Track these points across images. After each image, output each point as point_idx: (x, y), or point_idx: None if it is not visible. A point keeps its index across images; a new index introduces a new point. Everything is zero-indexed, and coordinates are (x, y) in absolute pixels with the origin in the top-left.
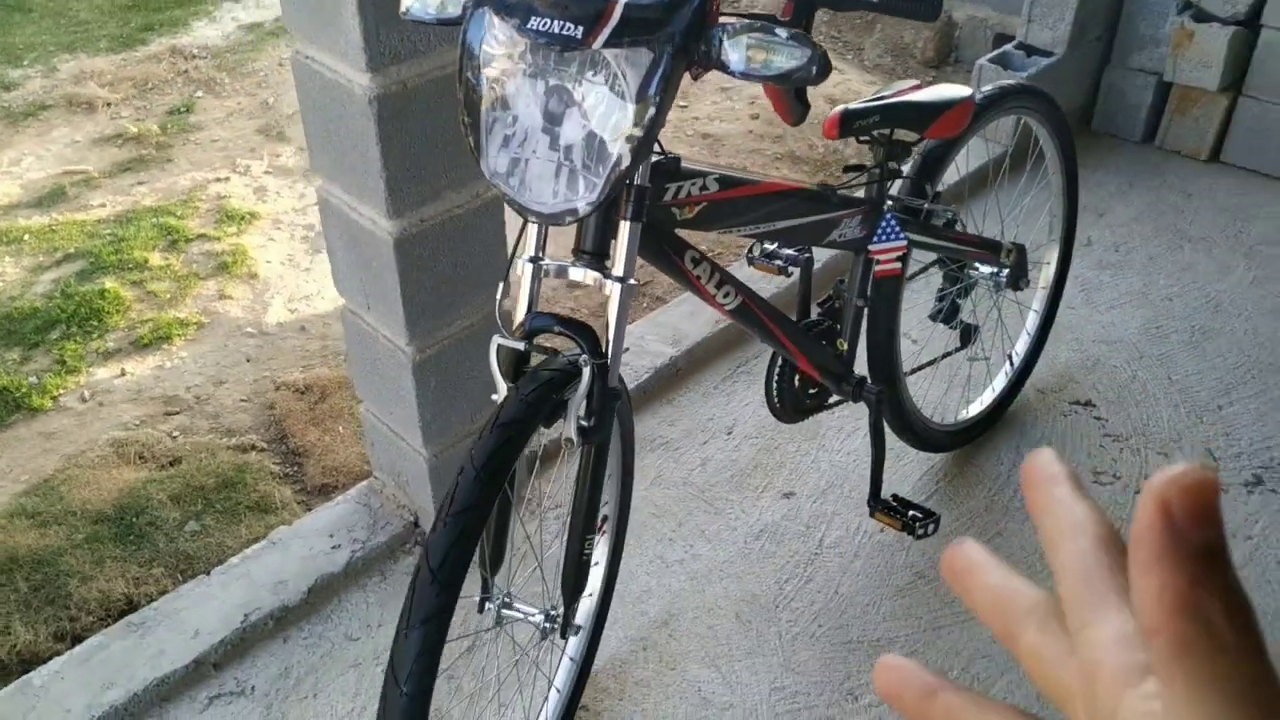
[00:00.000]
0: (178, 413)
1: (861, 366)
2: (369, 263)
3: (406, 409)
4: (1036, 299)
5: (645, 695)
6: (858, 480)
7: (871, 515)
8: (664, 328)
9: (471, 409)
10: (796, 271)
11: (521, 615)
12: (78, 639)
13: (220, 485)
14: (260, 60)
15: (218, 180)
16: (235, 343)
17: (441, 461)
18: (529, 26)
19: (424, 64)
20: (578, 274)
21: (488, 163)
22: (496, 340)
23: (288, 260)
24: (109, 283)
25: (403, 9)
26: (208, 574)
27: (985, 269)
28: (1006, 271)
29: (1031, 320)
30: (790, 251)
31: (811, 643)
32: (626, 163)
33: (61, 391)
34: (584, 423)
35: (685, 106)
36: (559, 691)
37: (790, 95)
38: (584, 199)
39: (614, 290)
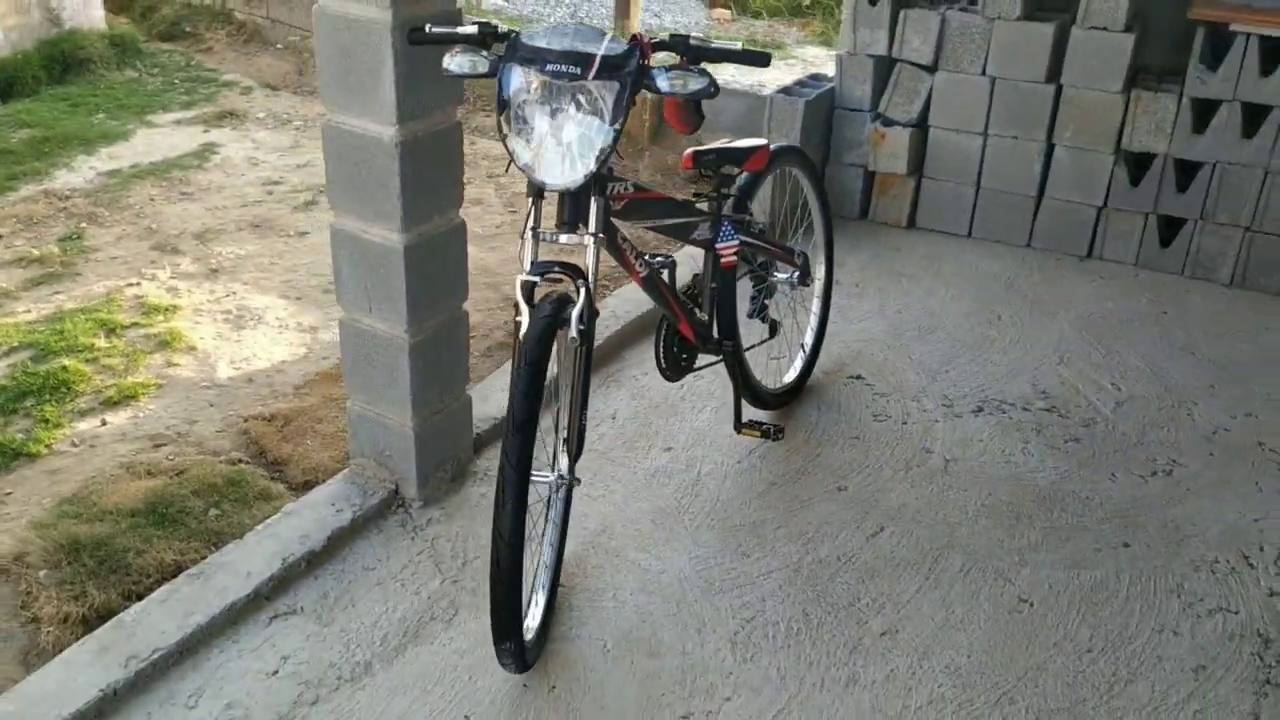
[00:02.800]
0: (165, 444)
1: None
2: (376, 271)
3: (398, 389)
4: (815, 303)
5: (602, 573)
6: (714, 436)
7: (738, 432)
8: None
9: (443, 388)
10: (665, 271)
11: (543, 480)
12: (141, 597)
13: (227, 484)
14: (132, 196)
15: (130, 285)
16: (195, 394)
17: (425, 431)
18: (548, 69)
19: (427, 121)
20: (564, 238)
21: (519, 158)
22: (519, 277)
23: (218, 336)
24: (66, 361)
25: (444, 67)
26: (241, 538)
27: (782, 275)
28: (798, 273)
29: (813, 319)
30: (660, 257)
31: (708, 529)
32: (607, 149)
33: (53, 441)
34: (581, 327)
35: (515, 212)
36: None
37: (691, 110)
38: (581, 172)
39: (590, 242)
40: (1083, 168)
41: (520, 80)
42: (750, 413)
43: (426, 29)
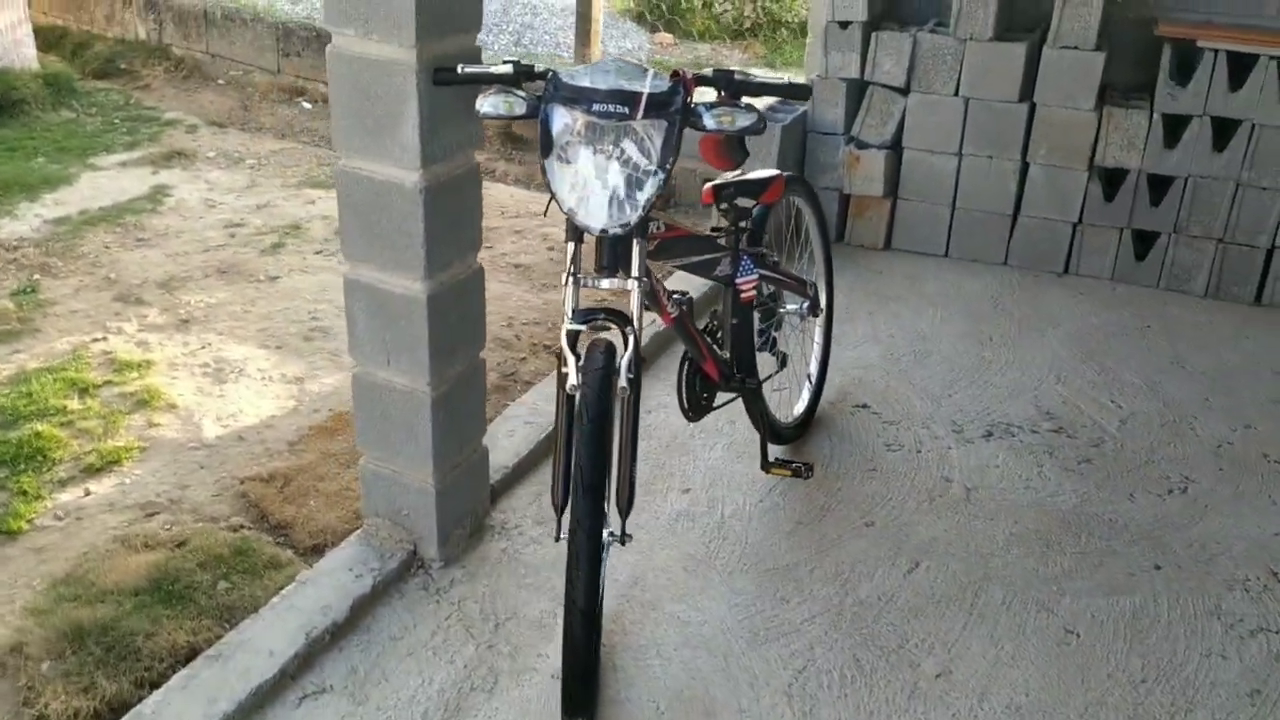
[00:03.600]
0: (158, 513)
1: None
2: (395, 322)
3: (418, 446)
4: (817, 333)
5: (641, 629)
6: (730, 474)
7: (766, 471)
8: (548, 394)
9: (462, 441)
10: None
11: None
12: (155, 685)
13: (233, 553)
14: (85, 244)
15: (95, 340)
16: (183, 456)
17: (445, 487)
18: (595, 110)
19: (449, 165)
20: (605, 283)
21: (564, 202)
22: (565, 326)
23: (199, 391)
24: (38, 426)
25: (478, 109)
26: (257, 613)
27: (791, 305)
28: (808, 303)
29: (817, 349)
30: (679, 294)
31: (743, 575)
32: (656, 192)
33: (34, 515)
34: (630, 376)
35: (491, 247)
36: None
37: (735, 146)
38: (629, 216)
39: (634, 287)
40: (1057, 185)
41: (564, 121)
42: (774, 449)
43: (458, 69)
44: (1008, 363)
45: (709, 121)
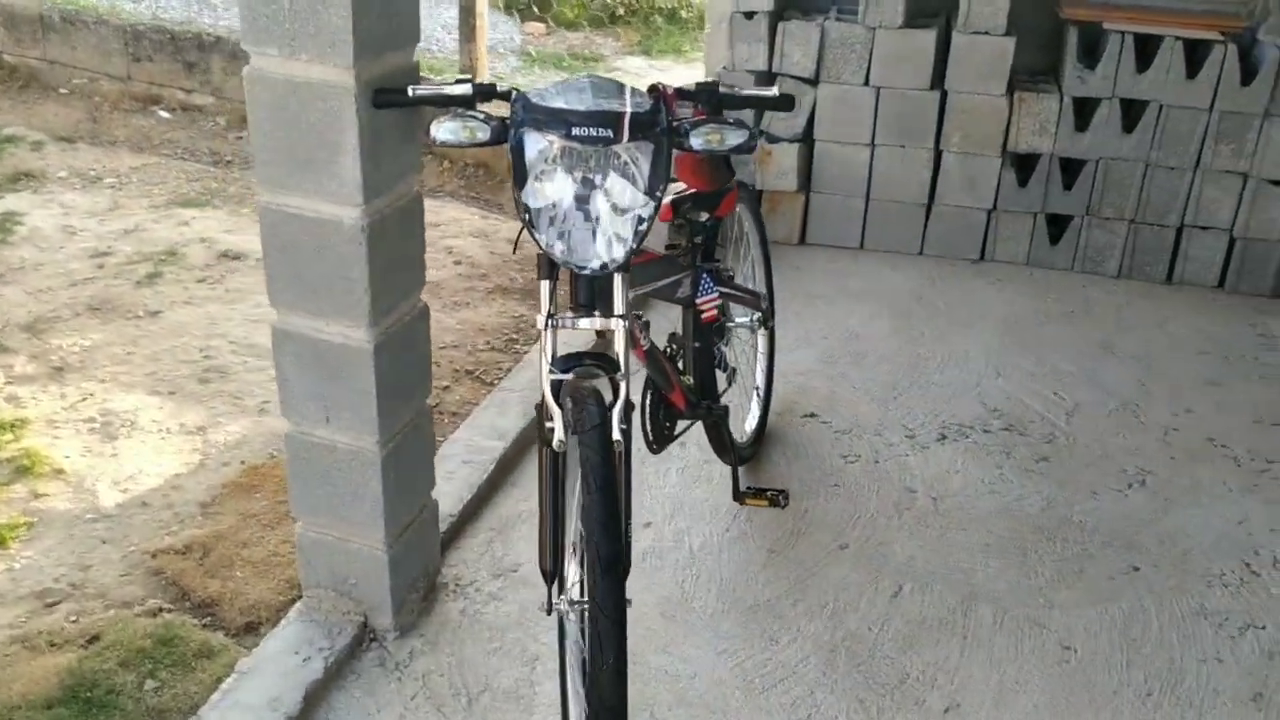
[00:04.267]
0: (60, 601)
1: None
2: (335, 376)
3: (366, 508)
4: (761, 342)
5: (630, 689)
6: (689, 502)
7: (741, 503)
8: (483, 428)
9: (412, 498)
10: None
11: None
12: None
13: (157, 644)
14: None
15: None
16: (80, 530)
17: (398, 550)
18: (575, 134)
19: (390, 197)
20: (585, 323)
21: (543, 238)
22: (547, 376)
23: (88, 452)
24: None
25: (434, 136)
26: (196, 715)
27: (741, 318)
28: (759, 315)
29: (762, 360)
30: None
31: (724, 617)
32: (647, 222)
33: None
34: (623, 427)
35: None
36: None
37: (720, 165)
38: (620, 252)
39: (618, 326)
40: (971, 172)
41: (538, 147)
42: (722, 483)
43: (408, 91)
44: (945, 359)
45: (695, 141)
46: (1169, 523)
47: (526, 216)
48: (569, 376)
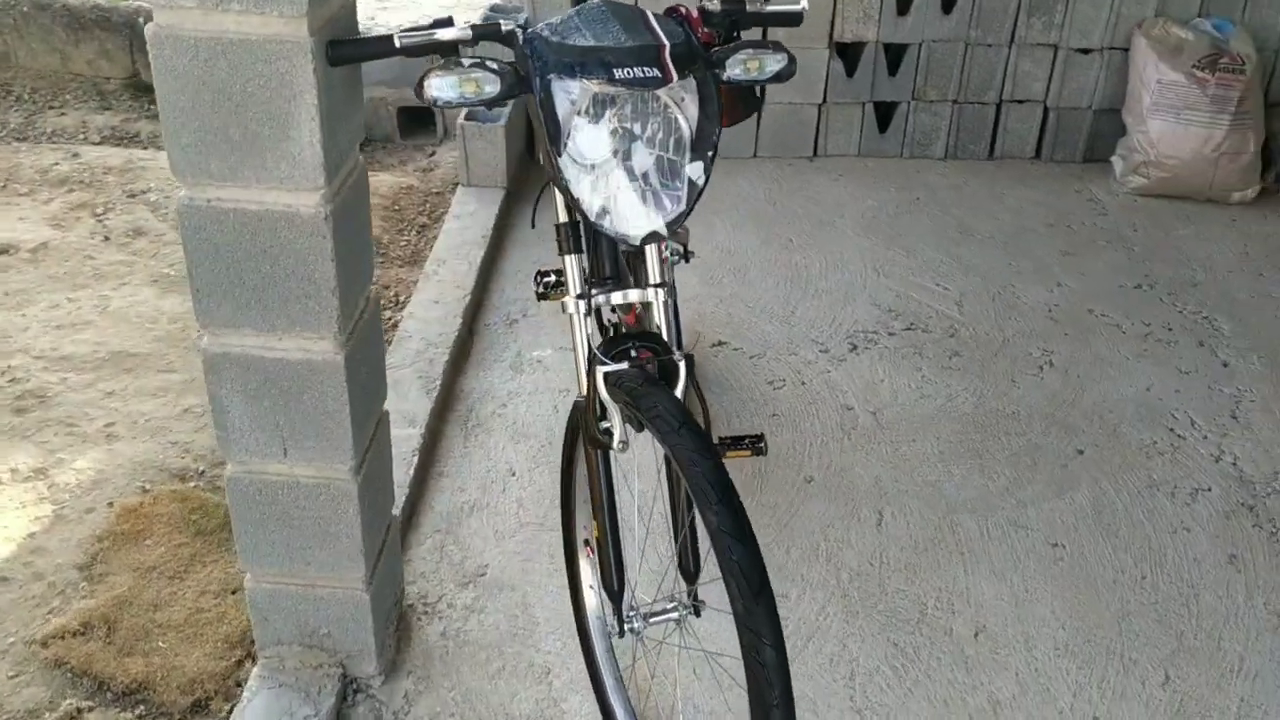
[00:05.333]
0: None
1: None
2: (295, 399)
3: (340, 547)
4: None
5: (663, 687)
6: (642, 460)
7: (723, 457)
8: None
9: (382, 520)
10: None
11: (662, 612)
12: None
13: None
14: None
15: None
16: None
17: (376, 588)
18: (618, 77)
19: (344, 172)
20: (619, 297)
21: (589, 209)
22: (600, 371)
23: None
24: None
25: (428, 95)
26: None
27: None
28: (681, 249)
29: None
30: None
31: None
32: (705, 173)
33: None
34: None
35: None
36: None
37: (747, 94)
38: (675, 212)
39: (659, 295)
40: (800, 67)
41: (570, 97)
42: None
43: (395, 41)
44: (824, 265)
45: (734, 71)
46: (1089, 400)
47: (565, 181)
48: (624, 366)
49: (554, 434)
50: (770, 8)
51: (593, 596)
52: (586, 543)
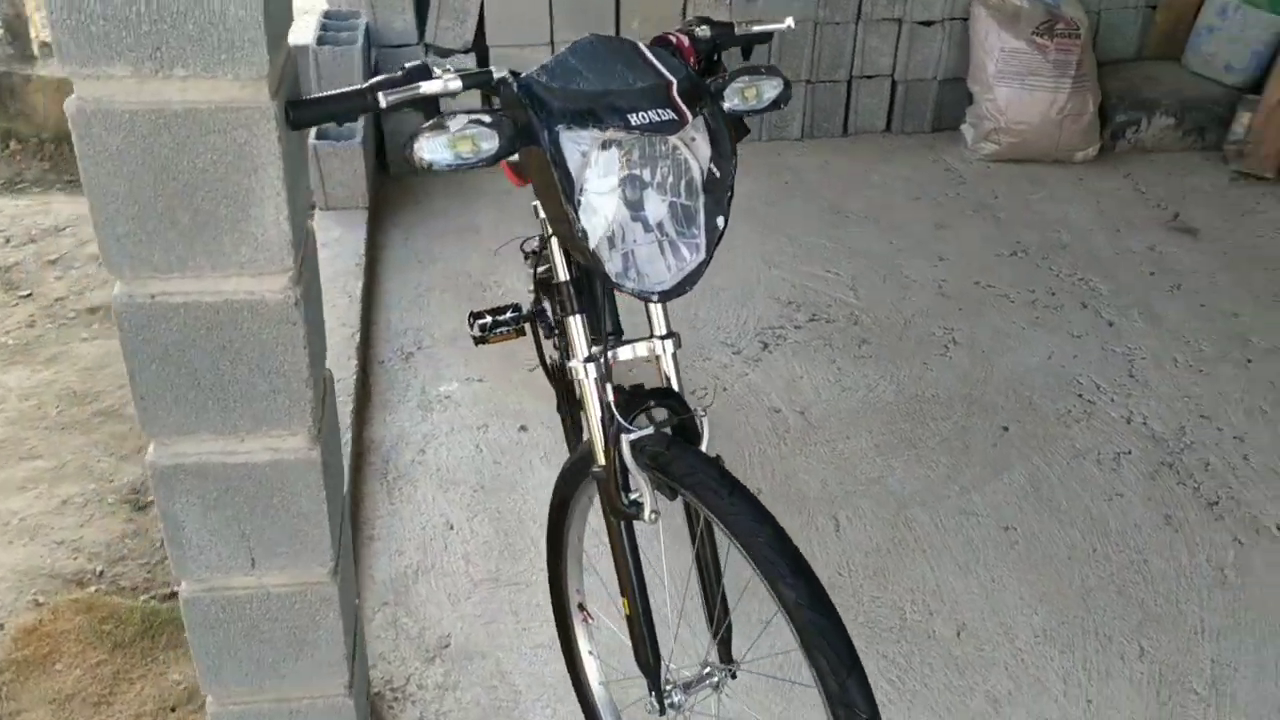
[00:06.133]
0: None
1: None
2: (263, 503)
3: (320, 653)
4: None
5: None
6: None
7: None
8: None
9: (353, 618)
10: None
11: (696, 680)
12: None
13: None
14: None
15: None
16: None
17: (358, 689)
18: (634, 124)
19: (304, 248)
20: (628, 353)
21: (611, 268)
22: (625, 440)
23: None
24: None
25: (420, 158)
26: None
27: None
28: None
29: None
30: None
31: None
32: (725, 216)
33: None
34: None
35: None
36: None
37: (735, 122)
38: (694, 260)
39: (667, 347)
40: None
41: (581, 148)
42: None
43: (379, 99)
44: (713, 262)
45: (734, 101)
46: (999, 375)
47: (589, 246)
48: (649, 431)
49: (484, 477)
50: (756, 28)
51: (593, 664)
52: (581, 607)
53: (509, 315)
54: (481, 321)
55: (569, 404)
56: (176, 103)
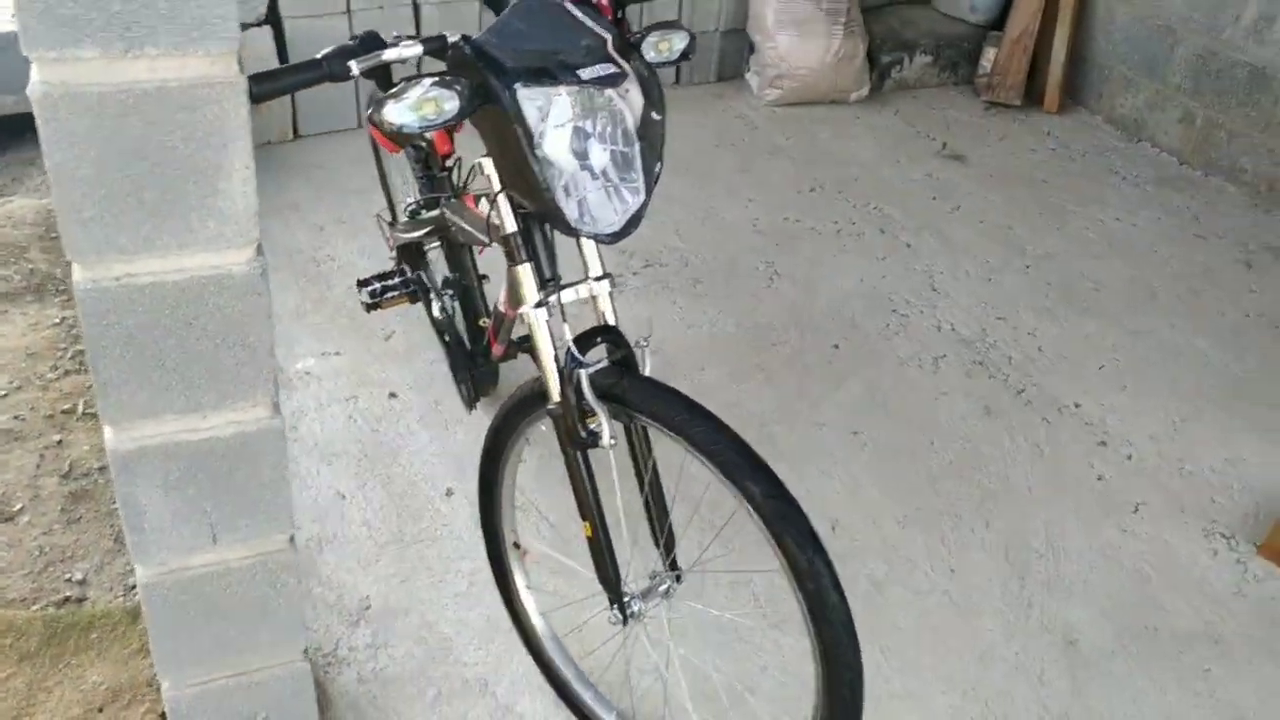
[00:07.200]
0: None
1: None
2: (226, 479)
3: (280, 620)
4: None
5: None
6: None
7: None
8: None
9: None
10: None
11: (650, 589)
12: None
13: None
14: None
15: None
16: None
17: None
18: (586, 78)
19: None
20: (571, 294)
21: (570, 216)
22: (584, 374)
23: None
24: None
25: (386, 120)
26: None
27: None
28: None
29: None
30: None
31: None
32: (660, 159)
33: None
34: None
35: None
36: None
37: None
38: (636, 202)
39: (604, 287)
40: (457, 13)
41: (536, 104)
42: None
43: (349, 67)
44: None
45: (650, 54)
46: (821, 299)
47: (550, 196)
48: (604, 364)
49: (364, 445)
50: None
51: (530, 598)
52: (516, 545)
53: (397, 280)
54: (371, 288)
55: (463, 360)
56: (146, 82)
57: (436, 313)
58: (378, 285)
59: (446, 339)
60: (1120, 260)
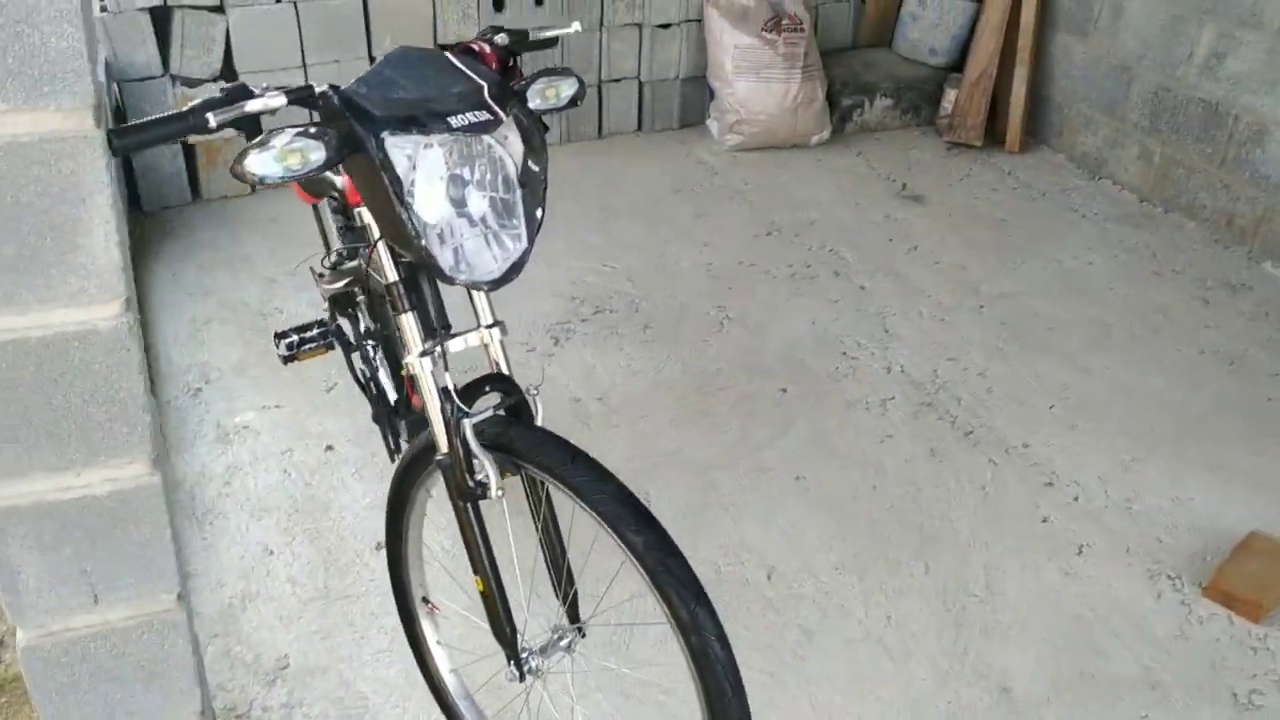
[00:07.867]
0: None
1: None
2: (105, 536)
3: (171, 680)
4: None
5: None
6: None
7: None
8: None
9: (196, 641)
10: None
11: (549, 644)
12: None
13: None
14: None
15: None
16: None
17: (208, 714)
18: (455, 126)
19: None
20: (459, 344)
21: (444, 263)
22: (468, 424)
23: None
24: None
25: (256, 175)
26: None
27: None
28: None
29: None
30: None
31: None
32: (543, 205)
33: None
34: None
35: None
36: None
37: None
38: (517, 250)
39: (495, 334)
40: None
41: (405, 153)
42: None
43: (207, 119)
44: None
45: (536, 101)
46: (772, 343)
47: (423, 244)
48: (488, 414)
49: (296, 500)
50: (546, 33)
51: (442, 653)
52: (425, 599)
53: (315, 331)
54: (288, 340)
55: (386, 410)
56: (5, 135)
57: (358, 363)
58: (295, 337)
59: (370, 390)
60: (1076, 298)
